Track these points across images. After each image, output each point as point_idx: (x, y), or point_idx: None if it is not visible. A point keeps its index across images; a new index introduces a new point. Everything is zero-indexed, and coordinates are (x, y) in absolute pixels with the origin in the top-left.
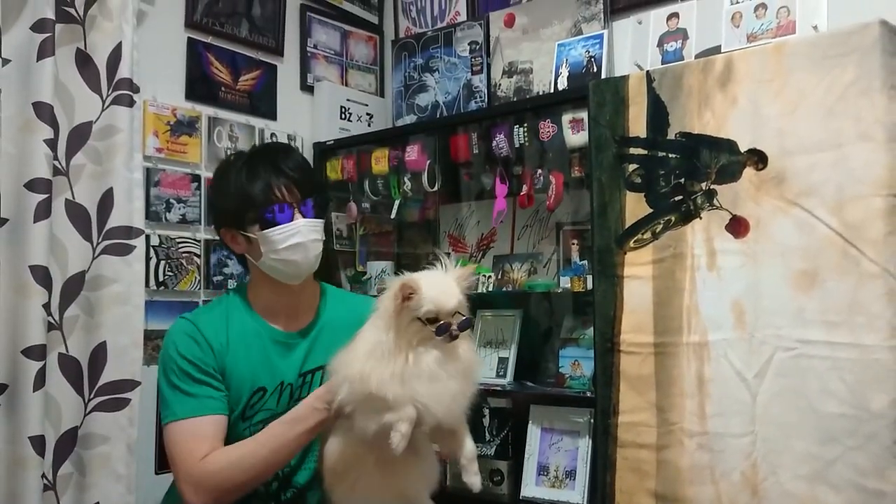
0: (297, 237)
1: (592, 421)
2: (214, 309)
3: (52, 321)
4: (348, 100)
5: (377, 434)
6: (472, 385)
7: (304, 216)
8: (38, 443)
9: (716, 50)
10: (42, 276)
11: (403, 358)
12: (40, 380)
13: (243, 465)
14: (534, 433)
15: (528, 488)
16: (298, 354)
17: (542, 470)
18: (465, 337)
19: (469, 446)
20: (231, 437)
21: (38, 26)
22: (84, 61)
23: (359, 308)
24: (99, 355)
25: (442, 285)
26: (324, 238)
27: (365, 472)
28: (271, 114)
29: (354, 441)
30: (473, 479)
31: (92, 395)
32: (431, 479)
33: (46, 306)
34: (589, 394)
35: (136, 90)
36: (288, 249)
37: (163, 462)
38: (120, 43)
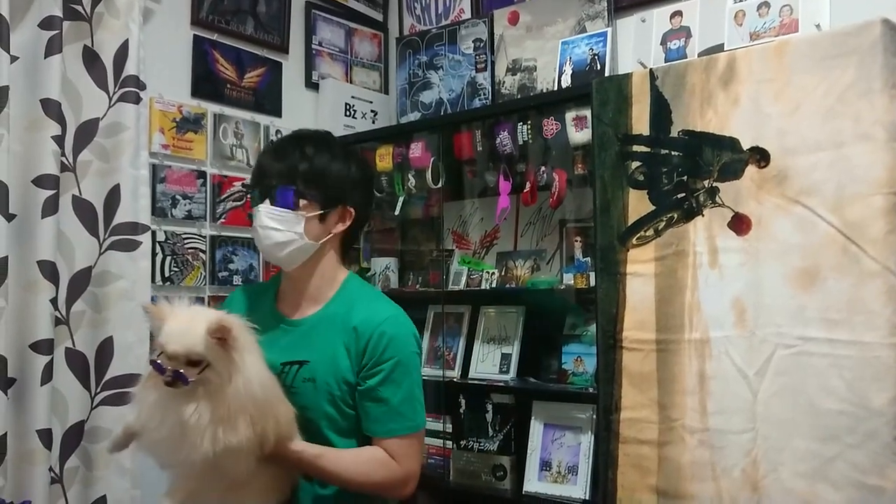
0: (256, 222)
1: (594, 417)
2: (259, 286)
3: (60, 316)
4: (353, 97)
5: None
6: (195, 451)
7: (272, 203)
8: (46, 436)
9: (719, 48)
10: (49, 271)
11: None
12: (47, 374)
13: None
14: (536, 429)
15: (531, 483)
16: (285, 343)
17: (545, 465)
18: (210, 392)
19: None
20: None
21: (46, 24)
22: (91, 58)
23: (361, 308)
24: (105, 350)
25: (187, 324)
26: (296, 230)
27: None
28: (276, 111)
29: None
30: None
31: (98, 390)
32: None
33: (54, 301)
34: (591, 390)
35: (143, 87)
36: (252, 232)
37: None
38: (127, 40)
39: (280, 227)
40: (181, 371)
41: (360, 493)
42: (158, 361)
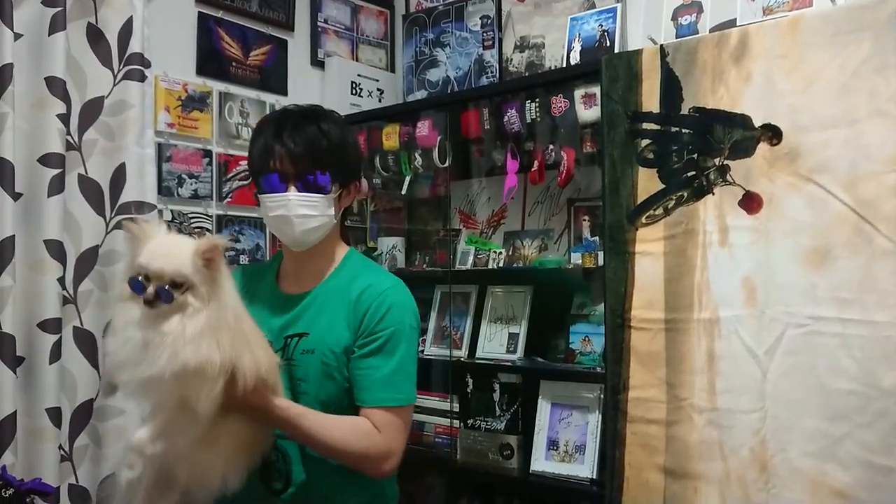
0: (283, 210)
1: (602, 396)
2: (261, 265)
3: (67, 295)
4: (359, 75)
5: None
6: (152, 367)
7: (298, 190)
8: (55, 414)
9: (731, 24)
10: (56, 250)
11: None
12: (56, 353)
13: None
14: (544, 408)
15: (538, 463)
16: (287, 316)
17: (552, 445)
18: (188, 315)
19: (137, 434)
20: None
21: (50, 0)
22: (95, 36)
23: (362, 281)
24: None
25: (167, 247)
26: (329, 212)
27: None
28: (282, 89)
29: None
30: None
31: None
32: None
33: (61, 280)
34: (599, 369)
35: (148, 65)
36: (275, 219)
37: None
38: (131, 17)
39: (314, 213)
40: (166, 287)
41: (339, 463)
42: (139, 278)
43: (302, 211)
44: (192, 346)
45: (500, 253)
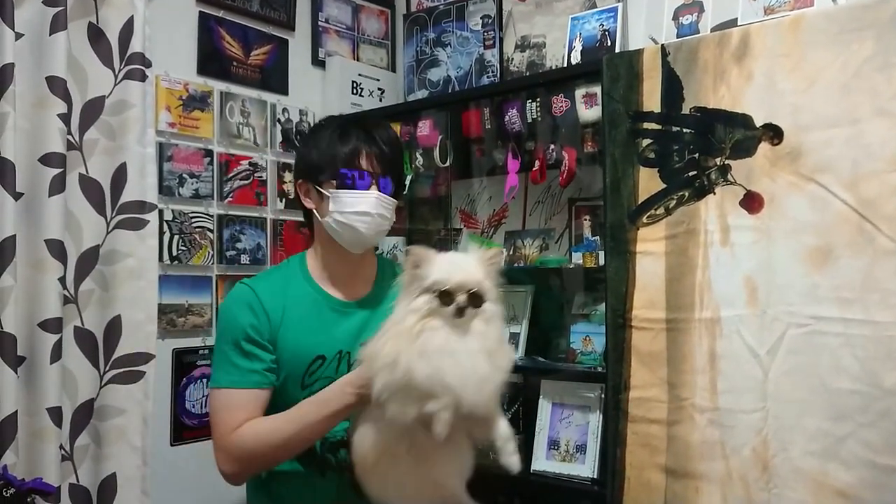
0: (366, 206)
1: (603, 396)
2: (273, 275)
3: (68, 295)
4: (360, 75)
5: (414, 422)
6: (499, 369)
7: (379, 190)
8: (56, 414)
9: (732, 23)
10: (57, 249)
11: (416, 333)
12: (57, 352)
13: (270, 440)
14: (545, 408)
15: (539, 462)
16: (355, 323)
17: (553, 444)
18: (487, 320)
19: (502, 428)
20: (290, 405)
21: (51, 0)
22: (96, 35)
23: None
24: (114, 329)
25: (457, 261)
26: (393, 219)
27: (398, 462)
28: (283, 89)
29: (386, 429)
30: (510, 460)
31: (107, 368)
32: (465, 466)
33: (62, 280)
34: (600, 369)
35: (149, 65)
36: (355, 215)
37: (178, 434)
38: (132, 17)
39: (388, 216)
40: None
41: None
42: (448, 289)
43: (381, 211)
44: (504, 350)
45: (502, 252)
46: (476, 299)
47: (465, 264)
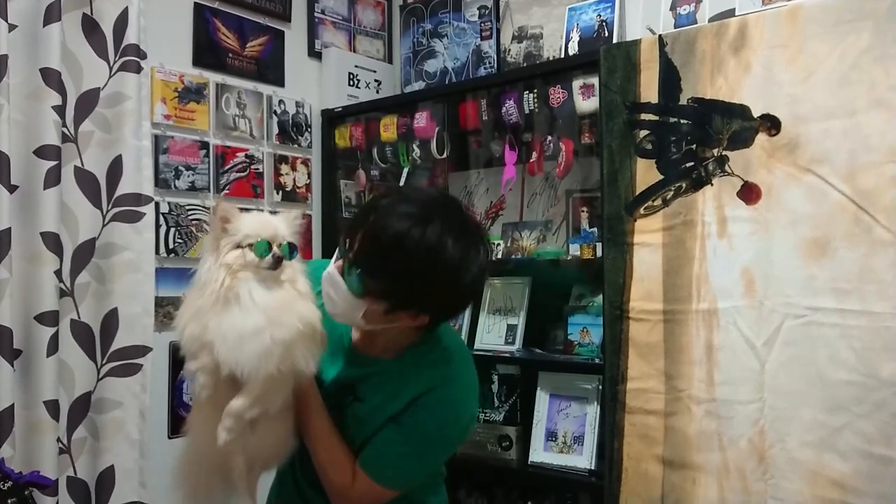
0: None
1: (601, 387)
2: None
3: (64, 288)
4: (356, 66)
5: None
6: (283, 328)
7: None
8: (53, 407)
9: (730, 13)
10: (53, 242)
11: (216, 286)
12: (53, 345)
13: None
14: (542, 399)
15: (537, 454)
16: (346, 374)
17: (551, 436)
18: (295, 272)
19: (235, 402)
20: None
21: None
22: (91, 27)
23: (426, 375)
24: (111, 322)
25: (266, 218)
26: (358, 313)
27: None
28: (279, 80)
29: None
30: (218, 433)
31: (104, 361)
32: (269, 449)
33: (58, 273)
34: (597, 361)
35: (144, 56)
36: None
37: (175, 427)
38: (126, 8)
39: (338, 300)
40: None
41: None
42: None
43: (328, 290)
44: (305, 304)
45: (499, 244)
46: (290, 251)
47: (274, 220)
